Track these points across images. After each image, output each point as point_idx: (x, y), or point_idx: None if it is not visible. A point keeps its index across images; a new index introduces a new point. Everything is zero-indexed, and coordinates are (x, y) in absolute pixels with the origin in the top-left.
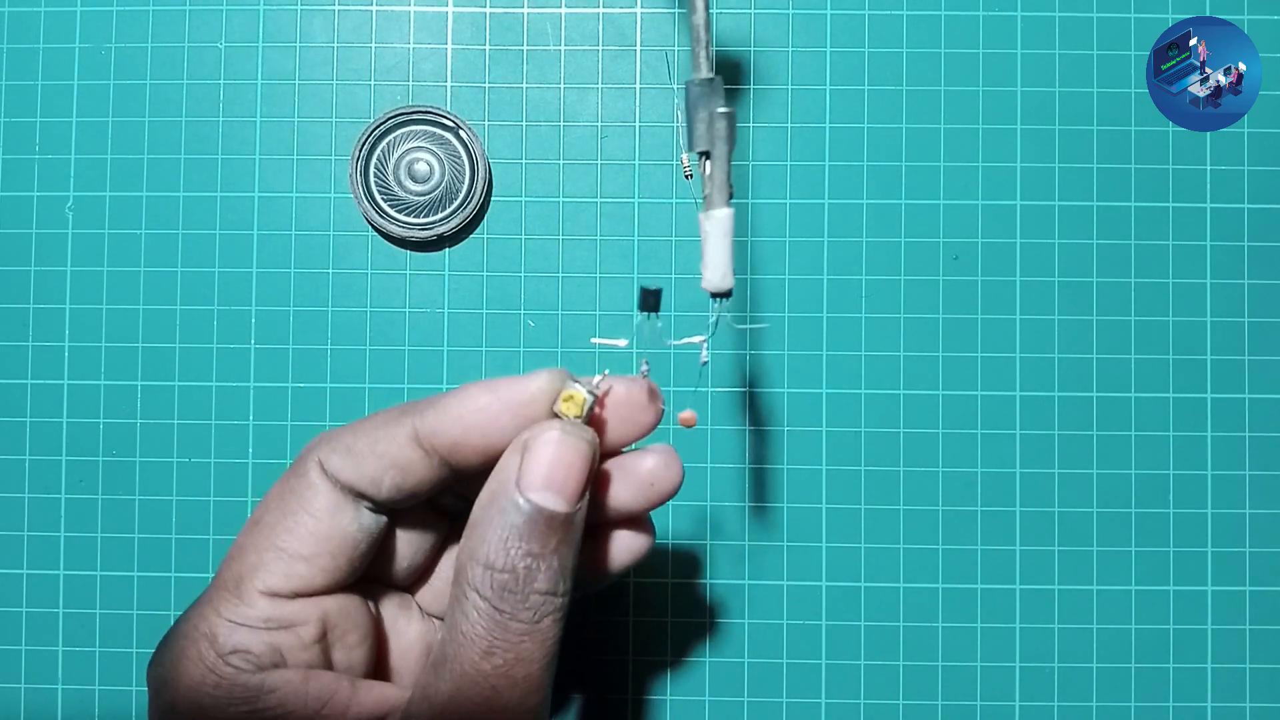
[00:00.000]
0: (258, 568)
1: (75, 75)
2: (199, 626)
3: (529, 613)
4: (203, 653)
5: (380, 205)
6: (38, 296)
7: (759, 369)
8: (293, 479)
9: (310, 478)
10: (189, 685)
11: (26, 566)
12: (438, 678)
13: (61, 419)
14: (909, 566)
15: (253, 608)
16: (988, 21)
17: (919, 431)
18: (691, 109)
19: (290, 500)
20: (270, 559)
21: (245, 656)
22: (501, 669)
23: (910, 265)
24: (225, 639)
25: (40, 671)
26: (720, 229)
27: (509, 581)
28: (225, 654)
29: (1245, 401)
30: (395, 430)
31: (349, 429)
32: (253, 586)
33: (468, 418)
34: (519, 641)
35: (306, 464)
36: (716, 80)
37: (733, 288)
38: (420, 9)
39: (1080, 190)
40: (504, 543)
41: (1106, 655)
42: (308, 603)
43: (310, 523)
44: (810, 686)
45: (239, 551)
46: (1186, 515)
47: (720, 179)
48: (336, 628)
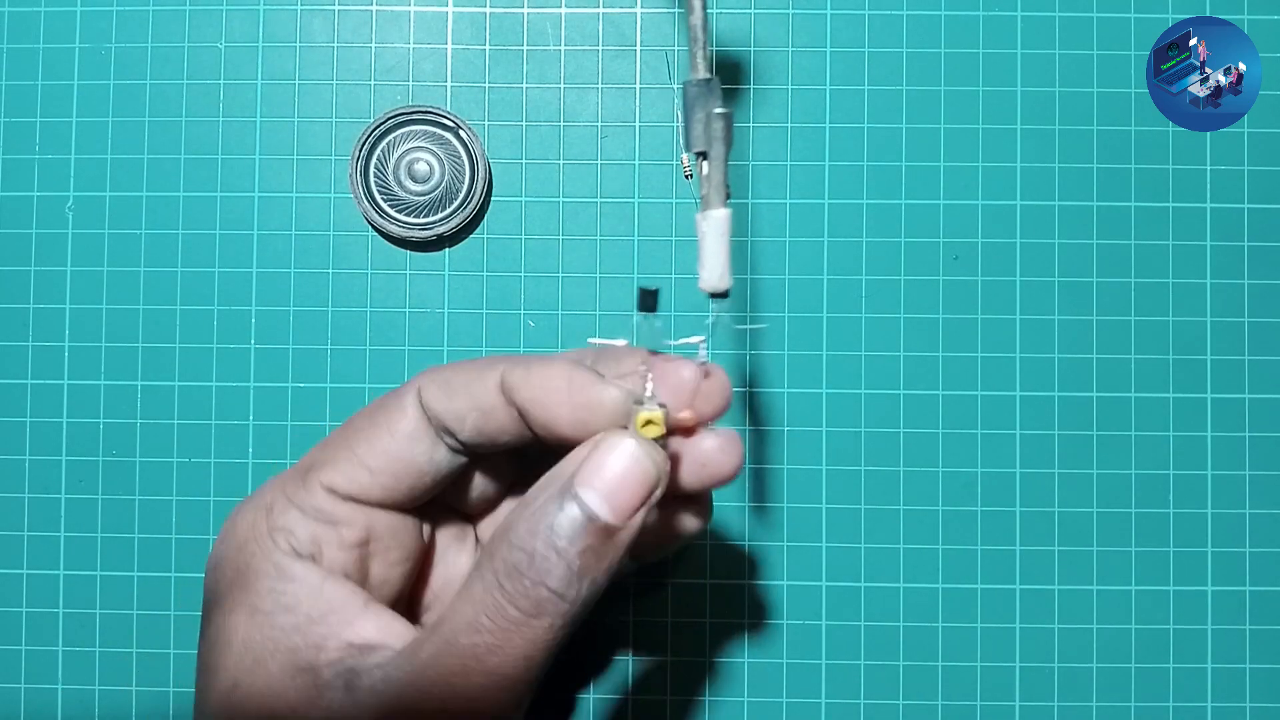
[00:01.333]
0: (326, 462)
1: (75, 75)
2: (266, 496)
3: (528, 603)
4: (257, 519)
5: (380, 205)
6: (38, 296)
7: (759, 369)
8: (392, 398)
9: (405, 401)
10: (237, 542)
11: (26, 566)
12: (428, 635)
13: (61, 419)
14: (909, 566)
15: (311, 495)
16: (988, 21)
17: (919, 431)
18: (689, 109)
19: (380, 415)
20: (341, 458)
21: (288, 536)
22: (479, 650)
23: (910, 265)
24: (278, 515)
25: (40, 671)
26: (717, 229)
27: (523, 563)
28: (274, 528)
29: (1245, 401)
30: (488, 375)
31: (453, 365)
32: (316, 477)
33: (538, 390)
34: (507, 629)
35: (408, 388)
36: (714, 81)
37: (730, 288)
38: (420, 9)
39: (1080, 190)
40: (537, 525)
41: (1106, 655)
42: (359, 509)
43: (388, 441)
44: (810, 686)
45: (323, 443)
46: (1186, 515)
47: (718, 179)
48: (380, 540)
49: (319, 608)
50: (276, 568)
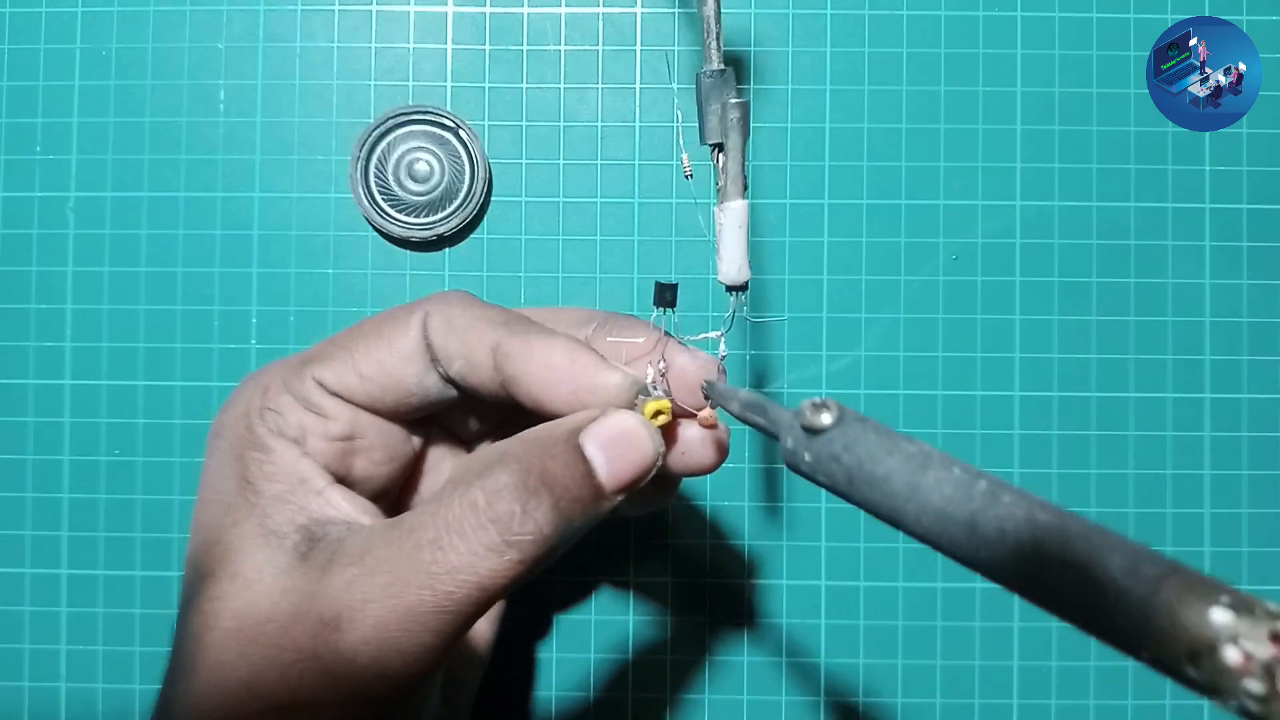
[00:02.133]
0: (323, 357)
1: (76, 76)
2: (265, 376)
3: (486, 535)
4: (252, 396)
5: (380, 205)
6: (39, 297)
7: (760, 369)
8: (401, 311)
9: (411, 320)
10: (235, 413)
11: (29, 566)
12: (385, 530)
13: (63, 419)
14: (908, 566)
15: (302, 384)
16: (988, 21)
17: (919, 431)
18: (703, 101)
19: (386, 326)
20: (338, 357)
21: (275, 418)
22: (433, 567)
23: (910, 265)
24: (272, 396)
25: (43, 670)
26: (735, 221)
27: (512, 488)
28: (265, 406)
29: (1244, 401)
30: (485, 331)
31: (462, 300)
32: (310, 369)
33: (538, 366)
34: (473, 553)
35: (418, 307)
36: (728, 72)
37: (749, 280)
38: (420, 9)
39: (1080, 190)
40: (532, 461)
41: (1104, 653)
42: (346, 406)
43: (384, 353)
44: (810, 685)
45: (329, 339)
46: (1185, 515)
47: (734, 170)
48: (364, 439)
49: (291, 481)
50: (261, 442)
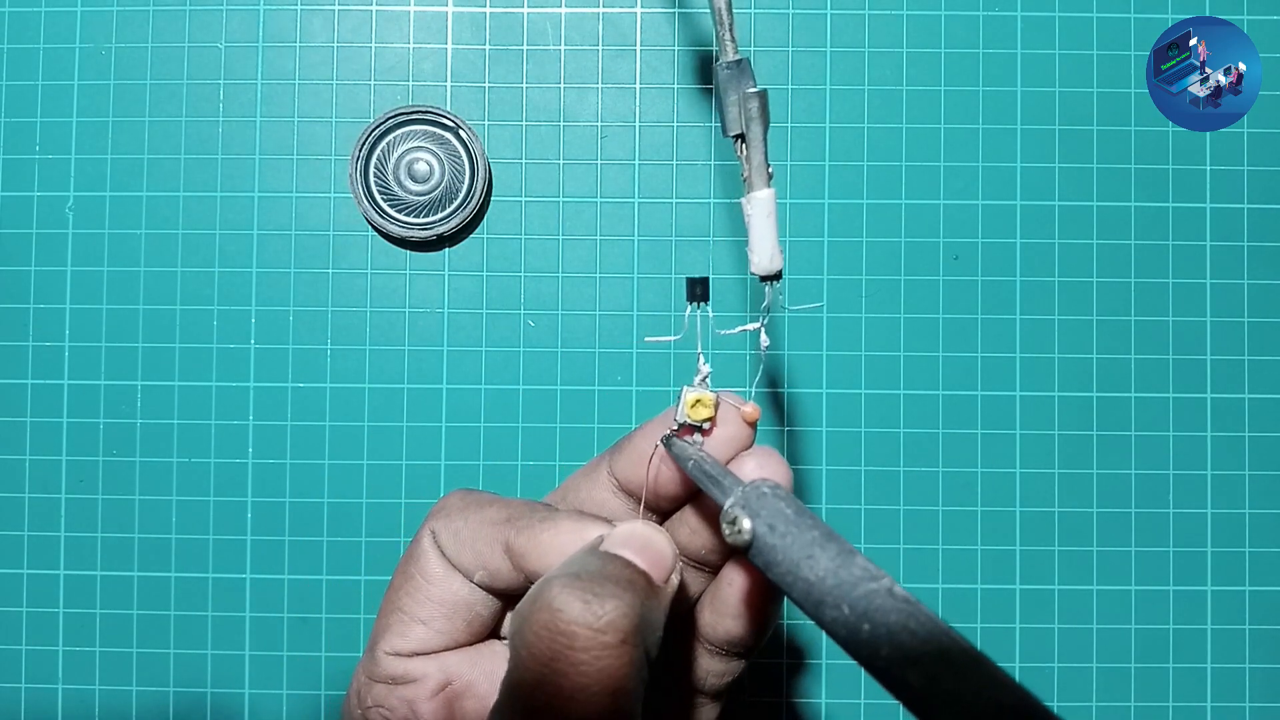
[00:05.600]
0: (384, 630)
1: (75, 75)
2: (354, 680)
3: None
4: (352, 705)
5: (380, 205)
6: (38, 296)
7: (759, 369)
8: (413, 546)
9: (424, 544)
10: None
11: (27, 566)
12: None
13: (62, 419)
14: (909, 566)
15: (380, 666)
16: (988, 21)
17: (919, 431)
18: (722, 93)
19: (409, 565)
20: (394, 621)
21: (380, 711)
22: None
23: (910, 265)
24: (365, 694)
25: (40, 671)
26: (763, 210)
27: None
28: (366, 708)
29: (1245, 401)
30: (493, 535)
31: (462, 512)
32: (380, 648)
33: (553, 556)
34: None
35: (422, 532)
36: (744, 61)
37: (782, 269)
38: (420, 9)
39: (1080, 190)
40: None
41: (1106, 655)
42: (428, 659)
43: (425, 587)
44: (810, 686)
45: (379, 613)
46: (1186, 515)
47: (758, 160)
48: (460, 679)
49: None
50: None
